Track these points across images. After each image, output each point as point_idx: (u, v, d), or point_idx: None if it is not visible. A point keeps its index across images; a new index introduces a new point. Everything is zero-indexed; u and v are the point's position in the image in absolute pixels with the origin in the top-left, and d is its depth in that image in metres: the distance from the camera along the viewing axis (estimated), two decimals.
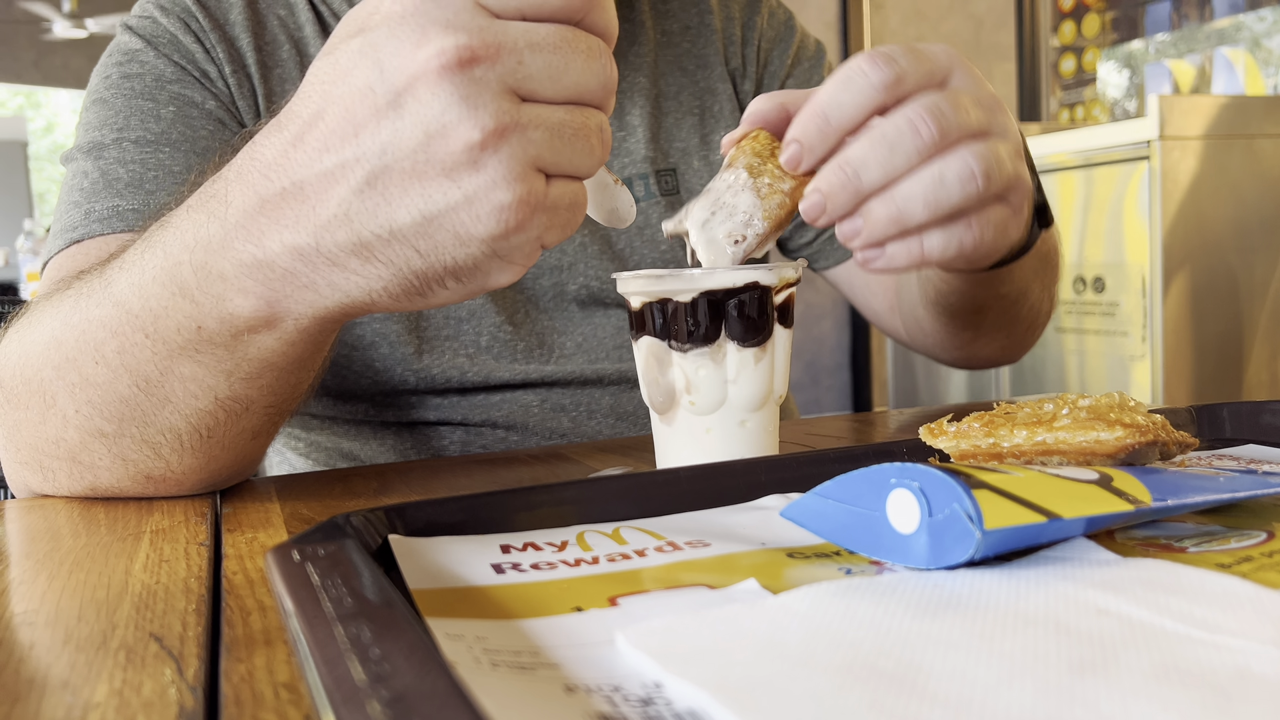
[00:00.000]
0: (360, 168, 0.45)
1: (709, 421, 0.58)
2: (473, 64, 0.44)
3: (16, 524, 0.59)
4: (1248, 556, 0.37)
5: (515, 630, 0.33)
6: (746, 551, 0.41)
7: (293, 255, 0.48)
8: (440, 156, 0.44)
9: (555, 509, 0.46)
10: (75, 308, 0.57)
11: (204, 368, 0.54)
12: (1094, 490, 0.38)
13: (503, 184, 0.45)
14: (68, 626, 0.40)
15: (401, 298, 0.50)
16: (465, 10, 0.44)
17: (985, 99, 0.56)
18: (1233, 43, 3.34)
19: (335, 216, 0.46)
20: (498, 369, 0.89)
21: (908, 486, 0.36)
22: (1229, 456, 0.54)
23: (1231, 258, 2.43)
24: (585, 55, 0.46)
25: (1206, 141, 2.38)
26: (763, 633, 0.31)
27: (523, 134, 0.45)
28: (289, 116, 0.48)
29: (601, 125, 0.48)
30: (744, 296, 0.57)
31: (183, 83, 0.82)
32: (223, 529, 0.55)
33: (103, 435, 0.58)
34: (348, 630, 0.28)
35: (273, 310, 0.51)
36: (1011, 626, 0.31)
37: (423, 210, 0.45)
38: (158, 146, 0.78)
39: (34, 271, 4.94)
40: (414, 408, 0.89)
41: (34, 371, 0.59)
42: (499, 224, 0.46)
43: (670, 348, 0.58)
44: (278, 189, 0.47)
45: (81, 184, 0.78)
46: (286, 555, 0.35)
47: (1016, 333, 0.88)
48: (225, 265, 0.50)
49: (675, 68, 0.98)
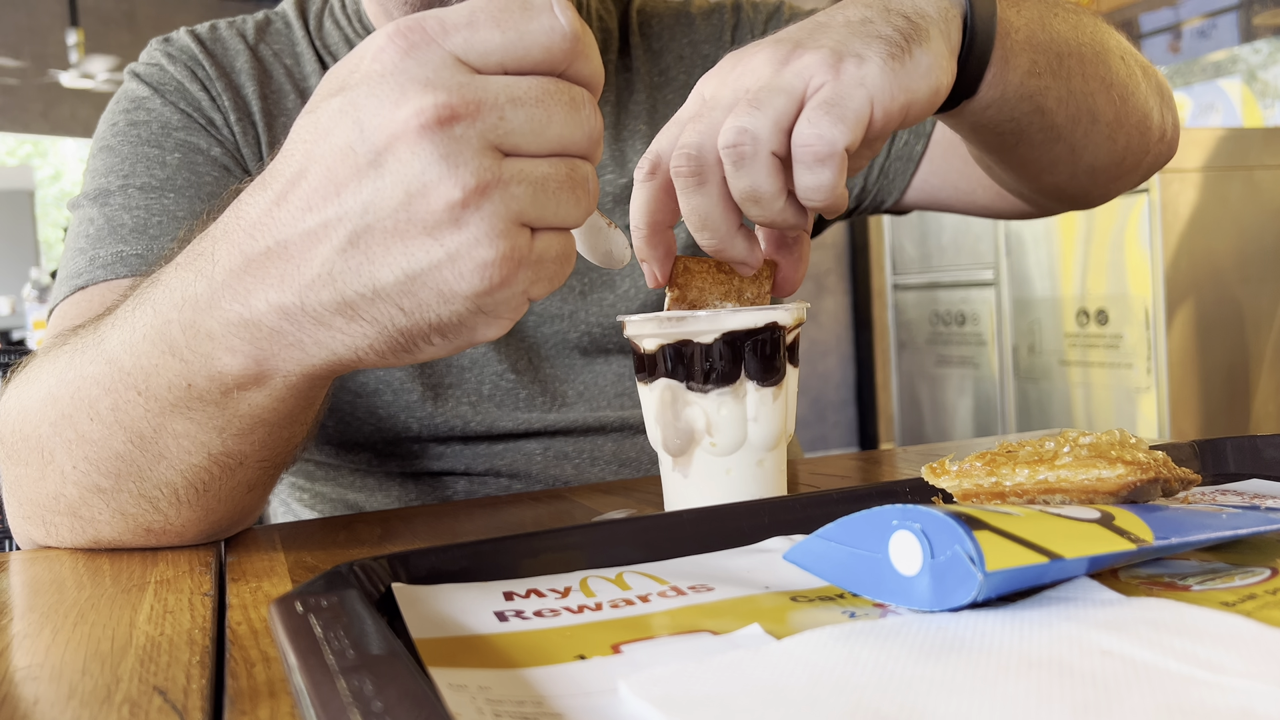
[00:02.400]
0: (342, 227, 0.45)
1: (729, 462, 0.58)
2: (453, 122, 0.43)
3: (21, 576, 0.59)
4: (1252, 594, 0.37)
5: (518, 680, 0.33)
6: (750, 595, 0.41)
7: (278, 314, 0.48)
8: (422, 215, 0.44)
9: (559, 554, 0.46)
10: (70, 364, 0.57)
11: (196, 424, 0.55)
12: (1096, 529, 0.38)
13: (485, 241, 0.44)
14: (72, 681, 0.40)
15: (388, 354, 0.50)
16: (445, 67, 0.44)
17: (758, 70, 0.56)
18: (1229, 75, 3.36)
19: (319, 276, 0.46)
20: (501, 417, 0.89)
21: (909, 528, 0.36)
22: (1233, 492, 0.54)
23: (1235, 289, 2.43)
24: (568, 107, 0.46)
25: (1206, 173, 2.39)
26: (766, 679, 0.31)
27: (505, 190, 0.44)
28: (272, 175, 0.48)
29: (588, 175, 0.48)
30: (763, 336, 0.57)
31: (188, 129, 0.83)
32: (227, 578, 0.55)
33: (100, 490, 0.58)
34: (350, 683, 0.28)
35: (261, 368, 0.51)
36: (1015, 669, 0.31)
37: (405, 269, 0.45)
38: (162, 192, 0.79)
39: (40, 320, 4.96)
40: (418, 457, 0.89)
41: (32, 428, 0.59)
42: (483, 281, 0.45)
43: (689, 389, 0.58)
44: (262, 248, 0.47)
45: (87, 230, 0.79)
46: (290, 607, 0.35)
47: (1075, 138, 0.79)
48: (213, 324, 0.50)
49: (673, 108, 0.98)
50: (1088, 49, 0.74)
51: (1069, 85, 0.74)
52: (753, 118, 0.53)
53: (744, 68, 0.57)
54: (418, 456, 0.89)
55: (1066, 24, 0.73)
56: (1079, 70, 0.74)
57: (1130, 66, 0.80)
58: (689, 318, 0.57)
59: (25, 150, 8.99)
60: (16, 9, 6.73)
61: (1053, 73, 0.71)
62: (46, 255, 7.95)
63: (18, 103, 6.98)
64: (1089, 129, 0.78)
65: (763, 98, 0.54)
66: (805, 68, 0.54)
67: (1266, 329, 2.45)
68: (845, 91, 0.53)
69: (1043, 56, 0.70)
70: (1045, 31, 0.70)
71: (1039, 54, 0.69)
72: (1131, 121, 0.81)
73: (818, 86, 0.54)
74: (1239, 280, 2.42)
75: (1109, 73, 0.77)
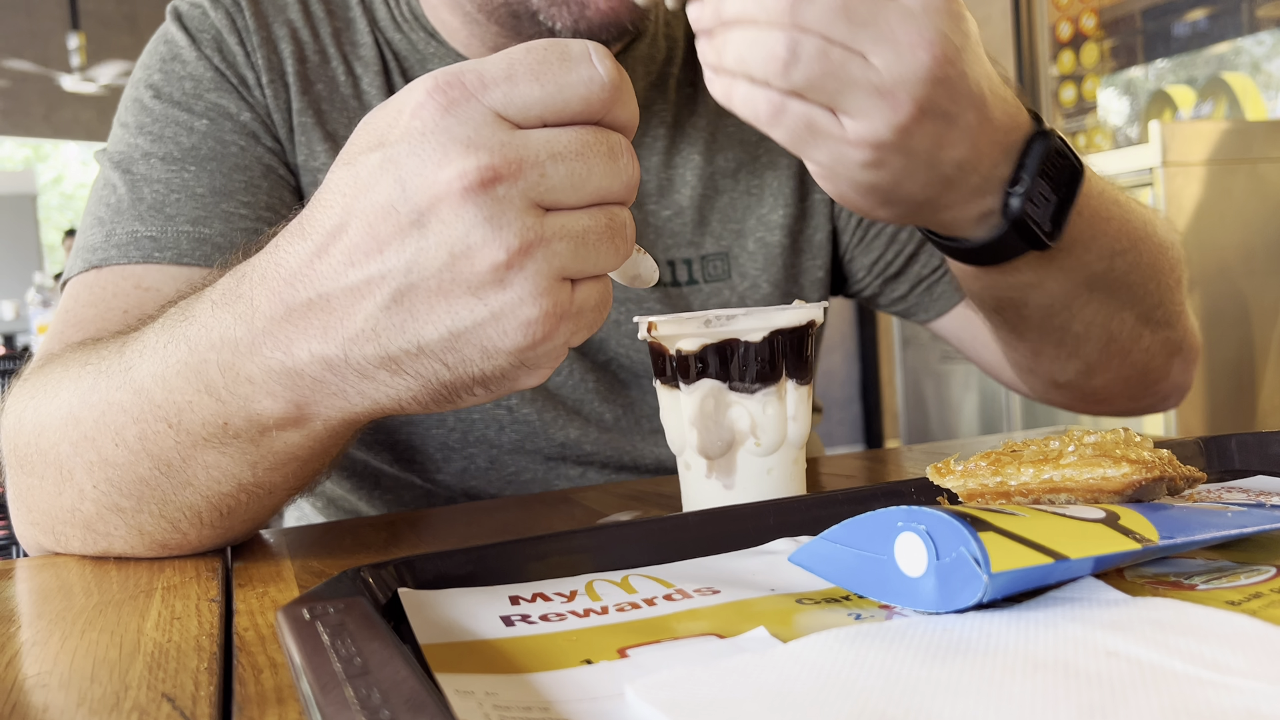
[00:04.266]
0: (386, 285, 0.45)
1: (770, 462, 0.59)
2: (495, 183, 0.43)
3: (28, 583, 0.59)
4: (1257, 593, 0.37)
5: (525, 685, 0.33)
6: (756, 598, 0.41)
7: (321, 365, 0.48)
8: (466, 276, 0.44)
9: (565, 557, 0.46)
10: (94, 387, 0.57)
11: (229, 458, 0.55)
12: (1101, 529, 0.38)
13: (529, 300, 0.45)
14: (81, 688, 0.40)
15: (430, 404, 0.50)
16: (485, 125, 0.44)
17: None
18: (1232, 67, 3.35)
19: (362, 331, 0.47)
20: (532, 436, 0.87)
21: (914, 530, 0.36)
22: (1238, 489, 0.54)
23: (1240, 282, 2.43)
24: (607, 158, 0.46)
25: (1210, 167, 2.39)
26: (772, 683, 0.31)
27: (547, 248, 0.45)
28: (311, 225, 0.48)
29: (625, 222, 0.48)
30: (801, 334, 0.58)
31: (219, 90, 0.81)
32: (234, 584, 0.55)
33: (120, 510, 0.58)
34: (357, 689, 0.28)
35: (301, 412, 0.51)
36: (1021, 671, 0.31)
37: (450, 327, 0.46)
38: (184, 165, 0.78)
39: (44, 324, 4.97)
40: (440, 470, 0.88)
41: (50, 444, 0.59)
42: (526, 337, 0.46)
43: (732, 389, 0.58)
44: (304, 299, 0.47)
45: (108, 199, 0.78)
46: (297, 614, 0.35)
47: (1086, 352, 0.79)
48: (253, 369, 0.50)
49: (735, 140, 0.91)
50: (1106, 271, 0.73)
51: (1099, 301, 0.74)
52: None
53: None
54: (440, 469, 0.88)
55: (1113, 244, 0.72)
56: (1116, 295, 0.75)
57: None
58: (738, 315, 0.57)
59: (25, 154, 9.00)
60: (18, 12, 6.74)
61: (1075, 283, 0.72)
62: (50, 259, 7.96)
63: (20, 106, 6.99)
64: (1105, 350, 0.78)
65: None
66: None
67: (1272, 323, 2.44)
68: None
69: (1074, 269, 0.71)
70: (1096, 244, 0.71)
71: (1079, 271, 0.71)
72: (1132, 347, 0.81)
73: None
74: (1244, 274, 2.41)
75: (1130, 296, 0.77)
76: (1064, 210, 0.64)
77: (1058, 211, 0.64)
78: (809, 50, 0.53)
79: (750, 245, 0.91)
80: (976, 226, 0.64)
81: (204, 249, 0.75)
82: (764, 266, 0.91)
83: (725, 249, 0.90)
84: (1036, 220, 0.63)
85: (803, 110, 0.55)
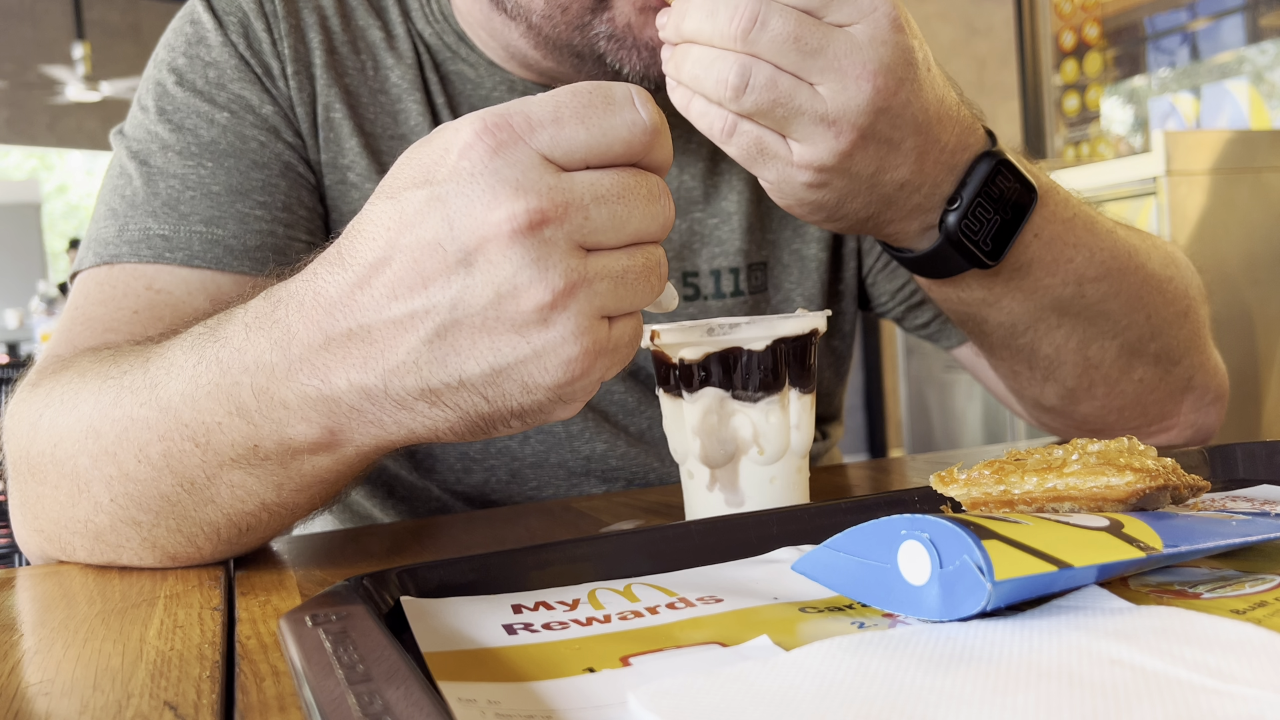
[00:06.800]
0: (430, 320, 0.46)
1: (773, 471, 0.59)
2: (542, 226, 0.45)
3: (31, 592, 0.59)
4: (1262, 601, 0.37)
5: (528, 693, 0.33)
6: (759, 606, 0.41)
7: (360, 395, 0.49)
8: (511, 315, 0.46)
9: (567, 566, 0.47)
10: (117, 401, 0.57)
11: (255, 479, 0.55)
12: (1105, 538, 0.38)
13: (571, 339, 0.46)
14: (83, 696, 0.40)
15: (465, 434, 0.51)
16: (533, 169, 0.45)
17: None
18: (1235, 76, 3.36)
19: (404, 363, 0.47)
20: (557, 448, 0.86)
21: (918, 538, 0.36)
22: (1243, 498, 0.54)
23: (1244, 291, 2.42)
24: (646, 200, 0.48)
25: (1213, 176, 2.39)
26: (775, 691, 0.31)
27: (589, 288, 0.46)
28: (351, 255, 0.48)
29: (660, 260, 0.49)
30: (806, 342, 0.58)
31: (243, 80, 0.80)
32: (236, 592, 0.55)
33: (137, 524, 0.58)
34: (360, 697, 0.28)
35: (335, 438, 0.52)
36: (1024, 679, 0.31)
37: (492, 363, 0.47)
38: (200, 160, 0.77)
39: (47, 333, 4.98)
40: (458, 481, 0.87)
41: (67, 456, 0.59)
42: (566, 374, 0.47)
43: (735, 398, 0.58)
44: (344, 329, 0.48)
45: (123, 190, 0.78)
46: (299, 622, 0.35)
47: (1062, 376, 0.78)
48: (288, 395, 0.51)
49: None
50: (1059, 291, 0.73)
51: (1069, 324, 0.75)
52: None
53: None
54: (459, 480, 0.87)
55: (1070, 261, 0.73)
56: (1081, 320, 0.75)
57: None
58: (741, 324, 0.57)
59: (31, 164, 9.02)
60: (23, 22, 6.76)
61: (1039, 304, 0.73)
62: (54, 267, 7.97)
63: (24, 116, 7.01)
64: (1083, 376, 0.79)
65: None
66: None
67: (1276, 332, 2.43)
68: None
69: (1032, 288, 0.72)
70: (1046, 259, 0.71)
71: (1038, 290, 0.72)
72: (1113, 375, 0.80)
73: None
74: (1248, 283, 2.41)
75: (1102, 323, 0.77)
76: (1009, 231, 0.66)
77: (1001, 232, 0.65)
78: (760, 79, 0.56)
79: (785, 257, 0.91)
80: (919, 239, 0.67)
81: (216, 250, 0.75)
82: (798, 280, 0.91)
83: (765, 259, 0.91)
84: (973, 239, 0.65)
85: (754, 132, 0.58)
